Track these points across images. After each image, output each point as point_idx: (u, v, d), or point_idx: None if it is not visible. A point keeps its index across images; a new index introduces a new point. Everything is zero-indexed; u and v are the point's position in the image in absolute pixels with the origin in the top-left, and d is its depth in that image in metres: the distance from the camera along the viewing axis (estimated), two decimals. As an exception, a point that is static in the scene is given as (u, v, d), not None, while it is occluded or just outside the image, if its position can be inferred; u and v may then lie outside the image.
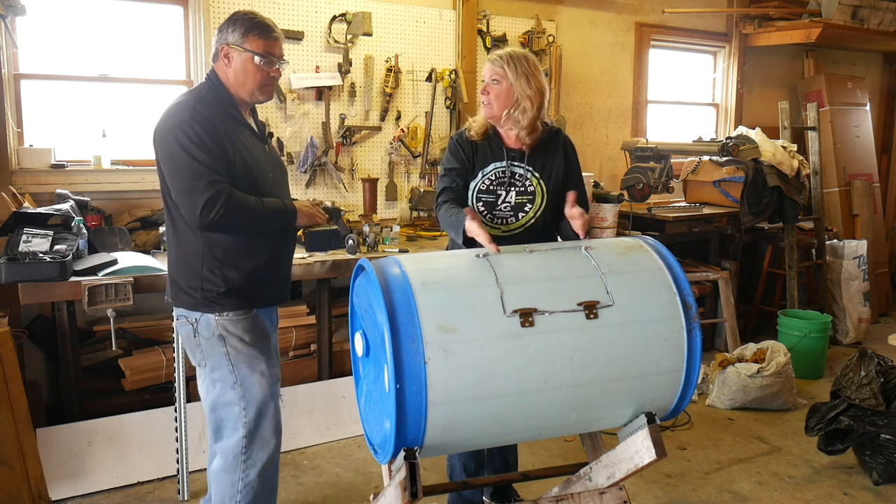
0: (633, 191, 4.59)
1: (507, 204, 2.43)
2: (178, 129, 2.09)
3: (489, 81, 2.39)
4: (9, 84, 3.35)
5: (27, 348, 3.24)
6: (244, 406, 2.25)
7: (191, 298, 2.22)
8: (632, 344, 1.85)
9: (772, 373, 3.85)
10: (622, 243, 2.10)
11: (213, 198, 2.05)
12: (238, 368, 2.24)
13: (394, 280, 1.79)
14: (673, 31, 5.45)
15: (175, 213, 2.20)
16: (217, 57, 2.22)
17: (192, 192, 2.06)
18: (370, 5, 4.10)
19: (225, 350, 2.23)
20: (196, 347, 2.26)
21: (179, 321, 2.29)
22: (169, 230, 2.27)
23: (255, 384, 2.26)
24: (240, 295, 2.23)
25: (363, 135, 4.18)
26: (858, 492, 3.09)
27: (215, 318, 2.21)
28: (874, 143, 6.40)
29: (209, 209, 2.05)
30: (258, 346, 2.28)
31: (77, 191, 3.41)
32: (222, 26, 2.21)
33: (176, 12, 3.76)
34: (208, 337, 2.23)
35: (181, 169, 2.08)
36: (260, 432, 2.29)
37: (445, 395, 1.70)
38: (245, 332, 2.25)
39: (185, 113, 2.12)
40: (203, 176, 2.06)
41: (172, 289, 2.28)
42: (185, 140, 2.07)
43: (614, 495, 2.07)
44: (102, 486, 2.97)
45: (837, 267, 5.25)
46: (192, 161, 2.06)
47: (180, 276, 2.23)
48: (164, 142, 2.12)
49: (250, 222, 2.16)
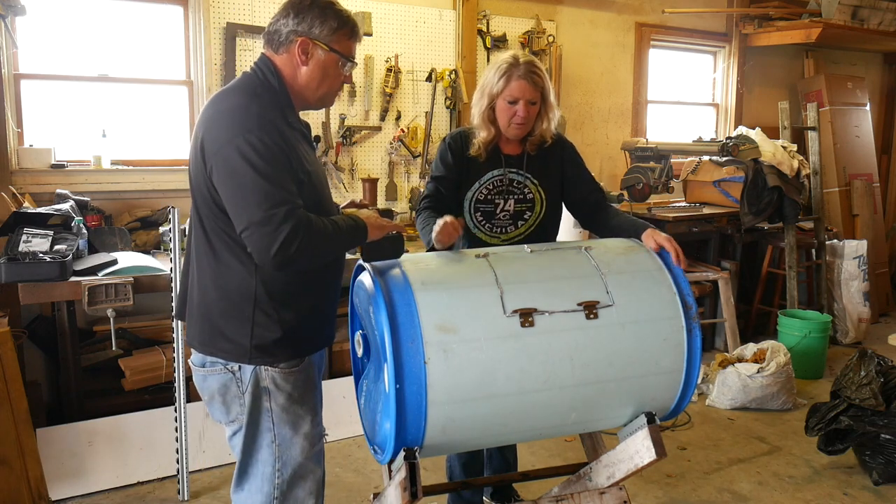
0: (633, 191, 4.59)
1: (506, 212, 2.33)
2: (244, 142, 1.63)
3: (526, 103, 2.16)
4: (9, 84, 3.35)
5: (27, 348, 3.24)
6: (279, 467, 1.85)
7: (234, 347, 1.78)
8: (632, 344, 1.85)
9: (772, 373, 3.85)
10: (622, 243, 2.11)
11: (293, 230, 1.61)
12: (279, 428, 1.83)
13: (394, 280, 1.79)
14: (673, 31, 5.45)
15: (218, 243, 1.76)
16: (282, 47, 1.78)
17: (267, 225, 1.60)
18: (370, 5, 4.10)
19: (268, 406, 1.82)
20: (234, 400, 1.83)
21: (211, 368, 1.83)
22: (203, 260, 1.81)
23: (297, 446, 1.86)
24: (296, 341, 1.83)
25: (363, 135, 4.19)
26: (858, 492, 3.09)
27: (265, 369, 1.80)
28: (874, 143, 6.40)
29: (289, 244, 1.60)
30: (307, 402, 1.88)
31: (77, 191, 3.41)
32: (300, 11, 1.76)
33: (176, 12, 3.76)
34: (251, 388, 1.81)
35: (251, 193, 1.62)
36: (291, 495, 1.88)
37: (445, 395, 1.70)
38: (295, 388, 1.84)
39: (250, 120, 1.67)
40: (279, 203, 1.61)
41: (205, 334, 1.82)
42: (254, 156, 1.62)
43: (614, 495, 2.07)
44: (102, 486, 2.97)
45: (837, 267, 5.24)
46: (265, 183, 1.61)
47: (222, 321, 1.79)
48: (224, 157, 1.65)
49: (328, 251, 1.75)
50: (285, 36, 1.78)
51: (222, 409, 1.86)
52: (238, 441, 1.87)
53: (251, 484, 1.88)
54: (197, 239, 1.82)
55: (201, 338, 1.84)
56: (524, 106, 2.17)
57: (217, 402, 1.86)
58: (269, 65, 1.80)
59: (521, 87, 2.15)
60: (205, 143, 1.71)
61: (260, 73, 1.80)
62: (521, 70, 2.15)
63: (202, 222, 1.79)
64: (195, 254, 1.85)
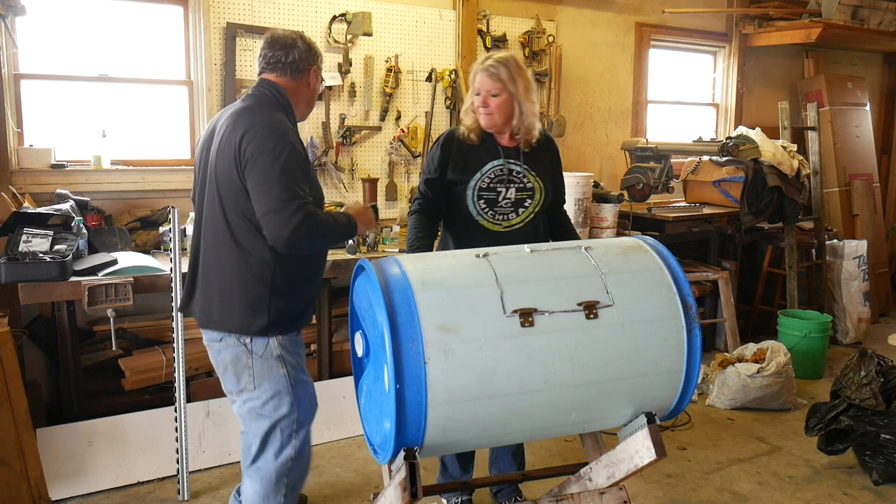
0: (633, 191, 4.59)
1: (508, 200, 2.48)
2: (276, 146, 2.01)
3: (486, 94, 2.39)
4: (9, 84, 3.35)
5: (27, 348, 3.24)
6: (296, 428, 2.21)
7: (253, 321, 2.13)
8: (632, 344, 1.85)
9: (772, 373, 3.85)
10: (622, 243, 2.10)
11: (304, 219, 1.97)
12: (295, 391, 2.19)
13: (394, 280, 1.79)
14: (673, 31, 5.44)
15: (239, 234, 2.10)
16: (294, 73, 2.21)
17: (283, 212, 1.96)
18: (370, 5, 4.10)
19: (284, 371, 2.17)
20: (245, 370, 2.16)
21: (223, 342, 2.17)
22: (223, 248, 2.14)
23: (308, 407, 2.25)
24: (297, 317, 2.22)
25: (363, 135, 4.19)
26: (858, 492, 3.09)
27: (275, 339, 2.15)
28: (874, 143, 6.40)
29: (298, 230, 1.97)
30: (305, 369, 2.29)
31: (77, 191, 3.41)
32: (304, 46, 2.22)
33: (176, 12, 3.76)
34: (267, 358, 2.15)
35: (274, 185, 1.98)
36: (303, 455, 2.26)
37: (445, 395, 1.70)
38: (298, 356, 2.24)
39: (279, 126, 2.06)
40: (296, 196, 1.98)
41: (220, 311, 2.15)
42: (283, 155, 2.00)
43: (614, 495, 2.07)
44: (102, 486, 2.97)
45: (837, 267, 5.25)
46: (287, 179, 1.99)
47: (239, 300, 2.12)
48: (264, 159, 2.00)
49: (328, 241, 2.16)
50: (297, 64, 2.22)
51: (233, 380, 2.18)
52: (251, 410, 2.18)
53: (270, 450, 2.19)
54: (222, 232, 2.13)
55: (221, 318, 2.15)
56: (484, 97, 2.40)
57: (229, 373, 2.18)
58: (274, 86, 2.21)
59: (481, 79, 2.40)
60: (244, 147, 2.04)
61: (272, 92, 2.20)
62: (484, 65, 2.40)
63: (227, 220, 2.11)
64: (214, 247, 2.16)
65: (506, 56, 2.42)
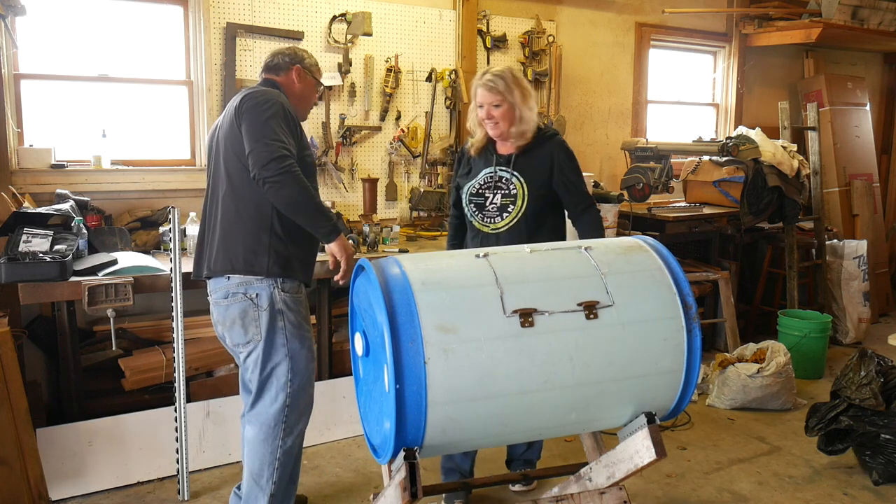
0: (633, 191, 4.59)
1: (494, 205, 2.65)
2: (276, 106, 2.27)
3: (489, 107, 2.57)
4: (9, 84, 3.35)
5: (27, 348, 3.24)
6: (290, 377, 2.38)
7: (255, 261, 2.31)
8: (632, 344, 1.85)
9: (772, 373, 3.85)
10: (622, 243, 2.10)
11: (286, 156, 2.19)
12: (291, 343, 2.38)
13: (394, 280, 1.79)
14: (673, 31, 5.45)
15: (238, 183, 2.31)
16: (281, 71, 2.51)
17: (268, 147, 2.18)
18: (370, 5, 4.10)
19: (282, 324, 2.36)
20: (252, 322, 2.35)
21: (233, 298, 2.35)
22: (226, 201, 2.35)
23: (304, 358, 2.42)
24: (296, 267, 2.39)
25: (363, 135, 4.19)
26: (858, 492, 3.09)
27: (277, 292, 2.34)
28: (874, 143, 6.40)
29: (280, 162, 2.16)
30: (306, 324, 2.46)
31: (77, 191, 3.41)
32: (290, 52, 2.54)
33: (176, 12, 3.76)
34: (270, 311, 2.34)
35: (264, 128, 2.22)
36: (298, 402, 2.42)
37: (445, 395, 1.70)
38: (298, 312, 2.41)
39: (276, 95, 2.34)
40: (282, 144, 2.21)
41: (226, 257, 2.34)
42: (279, 117, 2.26)
43: (614, 495, 2.07)
44: (102, 486, 2.97)
45: (837, 267, 5.25)
46: (278, 129, 2.23)
47: (242, 244, 2.32)
48: (256, 109, 2.25)
49: (303, 202, 2.24)
50: (281, 64, 2.52)
51: (241, 332, 2.37)
52: (255, 359, 2.37)
53: (267, 397, 2.39)
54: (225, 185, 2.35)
55: (223, 264, 2.34)
56: (487, 109, 2.59)
57: (237, 326, 2.36)
58: (273, 82, 2.49)
59: (482, 94, 2.59)
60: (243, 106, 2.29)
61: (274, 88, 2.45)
62: (482, 80, 2.60)
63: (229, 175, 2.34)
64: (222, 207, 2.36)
65: (501, 69, 2.62)
